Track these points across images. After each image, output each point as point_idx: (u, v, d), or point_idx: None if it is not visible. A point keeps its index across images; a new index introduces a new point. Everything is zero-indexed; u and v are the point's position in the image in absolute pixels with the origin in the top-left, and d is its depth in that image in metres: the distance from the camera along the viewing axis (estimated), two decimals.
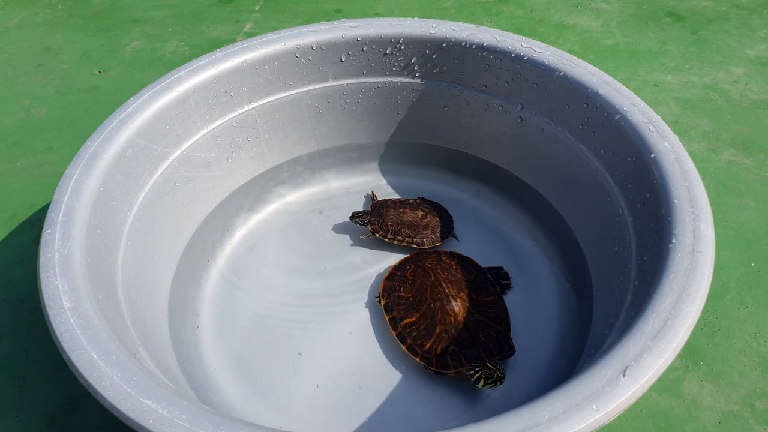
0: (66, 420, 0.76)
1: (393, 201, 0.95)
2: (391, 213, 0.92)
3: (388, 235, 0.91)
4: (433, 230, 0.92)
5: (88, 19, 1.54)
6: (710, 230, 0.62)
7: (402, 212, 0.92)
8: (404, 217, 0.92)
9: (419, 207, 0.94)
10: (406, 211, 0.93)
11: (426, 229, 0.92)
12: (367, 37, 0.90)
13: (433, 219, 0.93)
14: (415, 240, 0.91)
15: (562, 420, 0.49)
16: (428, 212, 0.94)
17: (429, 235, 0.91)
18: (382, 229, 0.91)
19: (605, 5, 1.52)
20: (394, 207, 0.93)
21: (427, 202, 0.97)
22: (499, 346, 0.76)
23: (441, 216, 0.94)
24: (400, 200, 0.96)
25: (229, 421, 0.50)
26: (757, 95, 1.23)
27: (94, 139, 0.74)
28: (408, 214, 0.92)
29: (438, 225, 0.93)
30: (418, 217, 0.92)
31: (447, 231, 0.93)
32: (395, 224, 0.91)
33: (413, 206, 0.94)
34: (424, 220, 0.92)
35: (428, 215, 0.93)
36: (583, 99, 0.80)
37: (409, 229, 0.91)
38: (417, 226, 0.92)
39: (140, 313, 0.72)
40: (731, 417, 0.75)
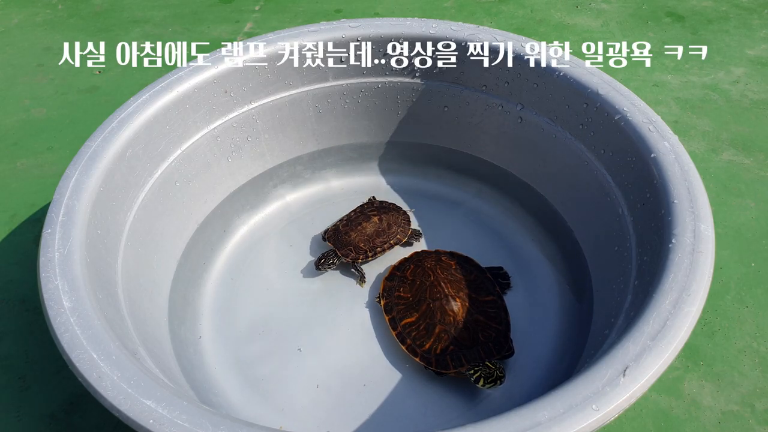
0: (66, 420, 0.76)
1: (343, 223, 0.93)
2: (353, 235, 0.90)
3: (368, 254, 0.89)
4: (398, 225, 0.92)
5: (88, 19, 1.54)
6: (710, 230, 0.62)
7: (361, 228, 0.91)
8: (367, 231, 0.90)
9: (370, 215, 0.93)
10: (364, 224, 0.91)
11: (392, 228, 0.91)
12: (367, 37, 0.90)
13: (389, 216, 0.93)
14: (391, 242, 0.90)
15: (562, 420, 0.49)
16: (381, 213, 0.93)
17: (398, 230, 0.92)
18: (360, 254, 0.88)
19: (605, 5, 1.52)
20: (350, 227, 0.91)
21: (370, 205, 0.96)
22: (499, 346, 0.76)
23: (392, 209, 0.95)
24: (348, 217, 0.94)
25: (229, 421, 0.50)
26: (757, 95, 1.23)
27: (94, 139, 0.74)
28: (368, 227, 0.91)
29: (397, 218, 0.93)
30: (377, 224, 0.92)
31: (407, 218, 0.94)
32: (365, 241, 0.89)
33: (365, 217, 0.93)
34: (383, 222, 0.92)
35: (383, 216, 0.93)
36: (583, 99, 0.80)
37: (379, 237, 0.90)
38: (382, 230, 0.91)
39: (140, 313, 0.72)
40: (731, 417, 0.75)
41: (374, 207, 0.96)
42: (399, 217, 0.94)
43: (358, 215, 0.94)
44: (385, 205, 0.96)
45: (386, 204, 0.96)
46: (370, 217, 0.93)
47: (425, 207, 0.99)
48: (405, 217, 0.94)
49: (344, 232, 0.91)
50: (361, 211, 0.95)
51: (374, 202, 0.98)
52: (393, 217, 0.93)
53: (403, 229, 0.92)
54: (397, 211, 0.95)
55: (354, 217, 0.94)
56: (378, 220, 0.92)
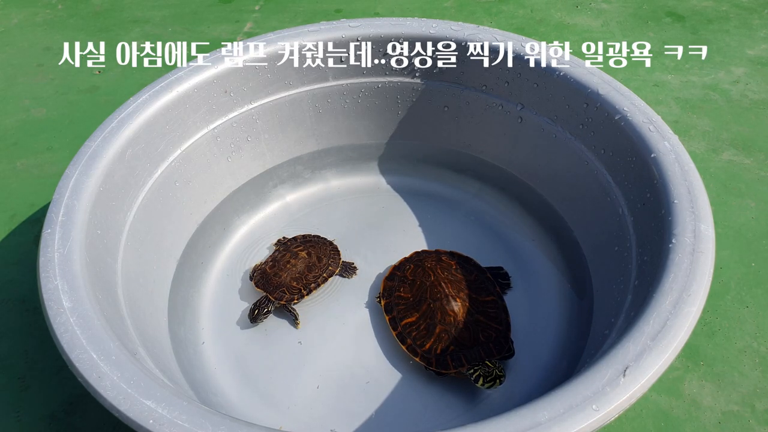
0: (66, 420, 0.76)
1: (270, 265, 0.87)
2: (283, 275, 0.84)
3: (303, 293, 0.84)
4: (328, 257, 0.88)
5: (88, 19, 1.54)
6: (710, 230, 0.62)
7: (291, 266, 0.86)
8: (297, 268, 0.86)
9: (297, 251, 0.88)
10: (292, 262, 0.86)
11: (322, 261, 0.87)
12: (367, 37, 0.90)
13: (317, 249, 0.89)
14: (324, 275, 0.86)
15: (562, 420, 0.49)
16: (308, 247, 0.89)
17: (329, 262, 0.87)
18: (294, 294, 0.83)
19: (605, 5, 1.52)
20: (279, 268, 0.86)
21: (294, 241, 0.92)
22: (499, 346, 0.76)
23: (318, 242, 0.91)
24: (273, 258, 0.88)
25: (229, 421, 0.50)
26: (757, 95, 1.23)
27: (94, 139, 0.74)
28: (297, 263, 0.86)
29: (325, 249, 0.89)
30: (306, 258, 0.87)
31: (335, 249, 0.90)
32: (298, 279, 0.85)
33: (292, 254, 0.88)
34: (312, 256, 0.88)
35: (310, 249, 0.89)
36: (583, 99, 0.80)
37: (311, 272, 0.86)
38: (313, 265, 0.87)
39: (140, 313, 0.72)
40: (731, 417, 0.75)
41: (299, 242, 0.91)
42: (327, 248, 0.90)
43: (283, 254, 0.88)
44: (309, 239, 0.92)
45: (310, 237, 0.92)
46: (297, 253, 0.88)
47: (425, 207, 0.99)
48: (333, 248, 0.90)
49: (273, 274, 0.85)
50: (285, 248, 0.90)
51: (297, 237, 0.93)
52: (321, 250, 0.89)
53: (333, 260, 0.88)
54: (323, 243, 0.91)
55: (280, 256, 0.88)
56: (306, 255, 0.88)
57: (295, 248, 0.89)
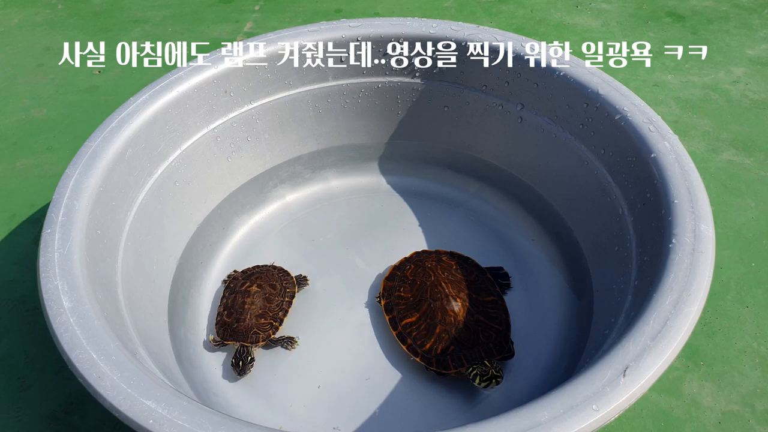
0: (66, 420, 0.76)
1: (226, 314, 0.81)
2: (246, 318, 0.80)
3: (275, 324, 0.80)
4: (280, 280, 0.85)
5: (88, 19, 1.54)
6: (710, 230, 0.62)
7: (248, 305, 0.81)
8: (257, 304, 0.81)
9: (247, 289, 0.83)
10: (248, 300, 0.81)
11: (276, 287, 0.83)
12: (367, 37, 0.90)
13: (264, 277, 0.85)
14: (287, 299, 0.83)
15: (562, 420, 0.49)
16: (255, 280, 0.84)
17: (283, 285, 0.84)
18: (267, 330, 0.79)
19: (605, 5, 1.52)
20: (237, 312, 0.80)
21: (235, 280, 0.86)
22: (499, 346, 0.76)
23: (261, 271, 0.87)
24: (225, 305, 0.82)
25: (229, 421, 0.50)
26: (757, 95, 1.23)
27: (94, 139, 0.74)
28: (254, 300, 0.81)
29: (273, 274, 0.85)
30: (260, 291, 0.82)
31: (281, 270, 0.87)
32: (263, 314, 0.80)
33: (243, 294, 0.82)
34: (264, 287, 0.83)
35: (258, 281, 0.84)
36: (584, 99, 0.80)
37: (271, 302, 0.82)
38: (270, 294, 0.82)
39: (140, 313, 0.72)
40: (731, 417, 0.75)
41: (242, 279, 0.85)
42: (274, 273, 0.86)
43: (234, 297, 0.83)
44: (251, 272, 0.87)
45: (251, 269, 0.88)
46: (247, 291, 0.83)
47: (425, 207, 0.99)
48: (280, 270, 0.87)
49: (235, 321, 0.80)
50: (232, 291, 0.84)
51: (236, 275, 0.87)
52: (269, 277, 0.85)
53: (287, 281, 0.85)
54: (267, 270, 0.87)
55: (231, 301, 0.82)
56: (258, 288, 0.83)
57: (242, 287, 0.84)
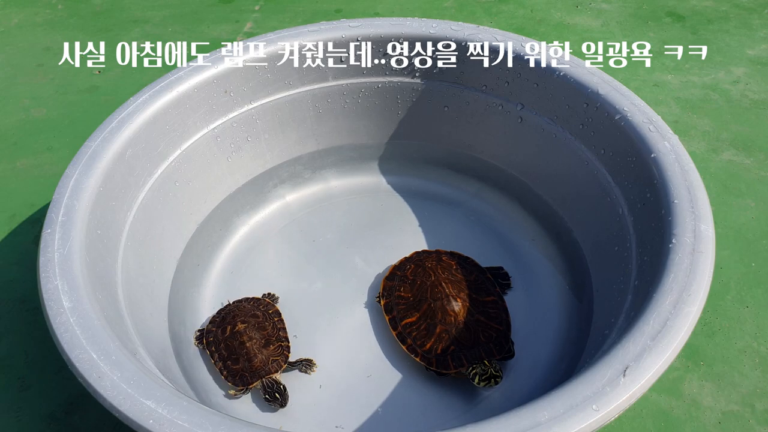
0: (66, 420, 0.76)
1: (230, 362, 0.76)
2: (254, 355, 0.75)
3: (284, 350, 0.77)
4: (261, 306, 0.82)
5: (88, 19, 1.54)
6: (710, 230, 0.62)
7: (247, 341, 0.76)
8: (254, 338, 0.77)
9: (233, 331, 0.77)
10: (243, 339, 0.76)
11: (258, 315, 0.80)
12: (367, 37, 0.90)
13: (243, 312, 0.80)
14: (275, 318, 0.80)
15: (562, 420, 0.49)
16: (239, 316, 0.79)
17: (265, 309, 0.81)
18: (280, 356, 0.76)
19: (605, 5, 1.52)
20: (239, 355, 0.76)
21: (222, 321, 0.80)
22: (500, 347, 0.76)
23: (239, 306, 0.82)
24: (222, 355, 0.77)
25: (229, 421, 0.50)
26: (757, 95, 1.23)
27: (94, 139, 0.74)
28: (250, 335, 0.77)
29: (247, 306, 0.81)
30: (252, 323, 0.78)
31: (256, 299, 0.83)
32: (267, 343, 0.77)
33: (235, 335, 0.77)
34: (248, 320, 0.79)
35: (243, 316, 0.79)
36: (584, 99, 0.80)
37: (265, 328, 0.78)
38: (260, 323, 0.79)
39: (140, 313, 0.72)
40: (731, 417, 0.75)
41: (218, 328, 0.79)
42: (242, 305, 0.82)
43: (227, 345, 0.77)
44: (221, 318, 0.81)
45: (219, 317, 0.81)
46: (236, 332, 0.77)
47: (425, 207, 0.99)
48: (245, 300, 0.83)
49: (246, 362, 0.75)
50: (218, 342, 0.78)
51: (208, 329, 0.81)
52: (241, 310, 0.81)
53: (261, 303, 0.82)
54: (236, 307, 0.82)
55: (227, 350, 0.77)
56: (243, 323, 0.78)
57: (226, 333, 0.78)
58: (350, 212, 0.99)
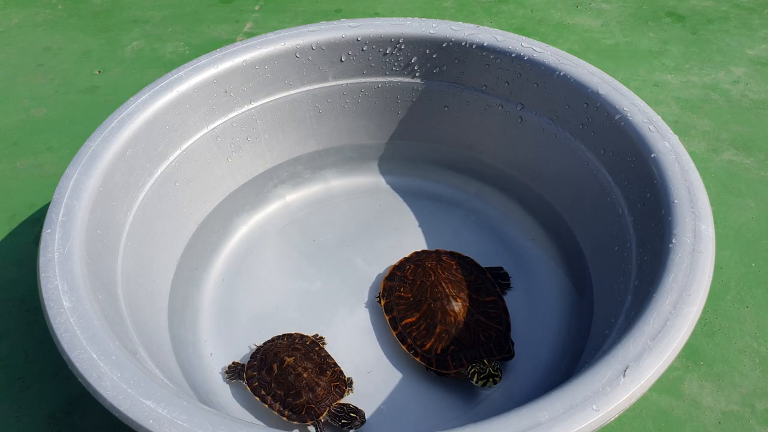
0: (66, 420, 0.76)
1: (289, 394, 0.71)
2: (314, 383, 0.72)
3: (340, 374, 0.75)
4: (303, 338, 0.79)
5: (88, 19, 1.54)
6: (710, 230, 0.62)
7: (302, 371, 0.73)
8: (307, 367, 0.73)
9: (283, 368, 0.73)
10: (298, 371, 0.73)
11: (306, 343, 0.77)
12: (367, 37, 0.90)
13: (291, 343, 0.77)
14: (320, 344, 0.78)
15: (562, 420, 0.49)
16: (284, 349, 0.76)
17: (312, 339, 0.79)
18: (341, 380, 0.74)
19: (605, 5, 1.52)
20: (292, 388, 0.72)
21: (266, 357, 0.76)
22: (500, 347, 0.76)
23: (281, 341, 0.78)
24: (273, 395, 0.72)
25: (229, 421, 0.50)
26: (757, 95, 1.23)
27: (94, 139, 0.74)
28: (305, 365, 0.73)
29: (290, 341, 0.78)
30: (299, 353, 0.75)
31: (299, 336, 0.79)
32: (322, 369, 0.74)
33: (287, 369, 0.73)
34: (298, 350, 0.76)
35: (288, 350, 0.76)
36: (584, 99, 0.80)
37: (313, 352, 0.76)
38: (307, 352, 0.75)
39: (140, 313, 0.72)
40: (731, 417, 0.75)
41: (267, 359, 0.75)
42: (278, 341, 0.79)
43: (280, 378, 0.73)
44: (262, 357, 0.76)
45: (259, 357, 0.77)
46: (286, 368, 0.73)
47: (425, 207, 0.99)
48: (279, 338, 0.80)
49: (309, 393, 0.71)
50: (266, 382, 0.73)
51: (251, 364, 0.76)
52: (282, 346, 0.77)
53: (294, 337, 0.79)
54: (273, 344, 0.78)
55: (280, 388, 0.72)
56: (289, 356, 0.74)
57: (276, 369, 0.74)
58: (350, 212, 0.99)
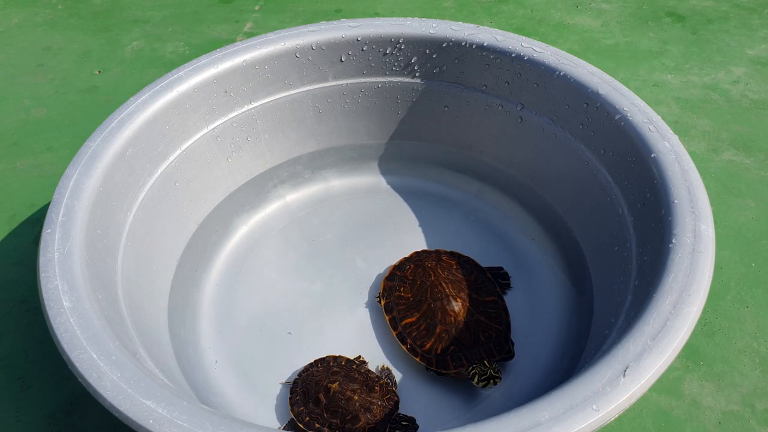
0: (66, 420, 0.76)
1: (346, 425, 0.68)
2: (366, 402, 0.70)
3: (392, 392, 0.73)
4: (348, 362, 0.77)
5: (88, 19, 1.54)
6: (710, 230, 0.62)
7: (351, 394, 0.70)
8: (354, 388, 0.71)
9: (333, 395, 0.71)
10: (346, 395, 0.70)
11: (352, 366, 0.75)
12: (367, 37, 0.90)
13: (329, 368, 0.75)
14: (365, 364, 0.76)
15: (562, 420, 0.49)
16: (322, 383, 0.72)
17: (357, 361, 0.77)
18: (392, 395, 0.72)
19: (605, 5, 1.52)
20: (345, 410, 0.69)
21: (300, 397, 0.73)
22: (500, 347, 0.76)
23: (321, 371, 0.75)
24: (329, 425, 0.69)
25: (229, 421, 0.50)
26: (757, 95, 1.23)
27: (94, 139, 0.74)
28: (353, 388, 0.71)
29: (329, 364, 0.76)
30: (341, 381, 0.72)
31: (344, 359, 0.77)
32: (370, 388, 0.72)
33: (337, 395, 0.70)
34: (339, 371, 0.74)
35: (338, 376, 0.73)
36: (584, 99, 0.80)
37: (357, 374, 0.73)
38: (352, 375, 0.73)
39: (140, 313, 0.72)
40: (731, 417, 0.75)
41: (309, 391, 0.72)
42: (313, 370, 0.76)
43: (331, 407, 0.70)
44: (304, 382, 0.74)
45: (301, 382, 0.75)
46: (338, 391, 0.71)
47: (425, 207, 0.99)
48: (319, 361, 0.78)
49: (364, 416, 0.69)
50: (318, 406, 0.70)
51: (294, 400, 0.73)
52: (323, 368, 0.75)
53: (327, 360, 0.77)
54: (313, 367, 0.76)
55: (332, 412, 0.69)
56: (332, 383, 0.72)
57: (323, 398, 0.71)
58: (350, 212, 0.99)
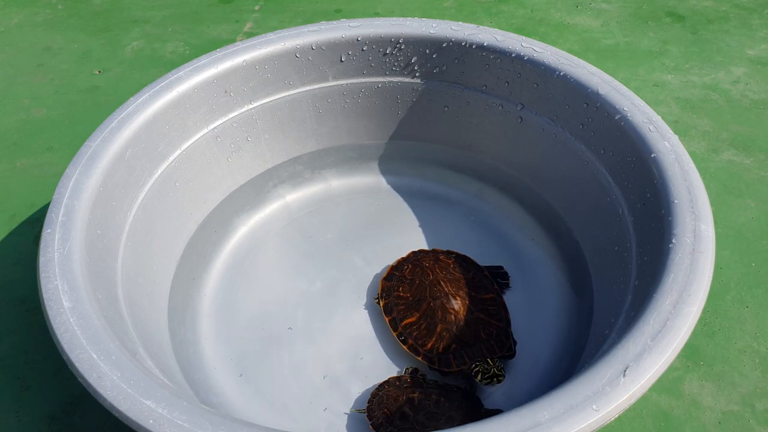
0: (66, 420, 0.76)
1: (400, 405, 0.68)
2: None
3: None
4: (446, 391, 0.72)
5: (88, 19, 1.54)
6: (710, 230, 0.62)
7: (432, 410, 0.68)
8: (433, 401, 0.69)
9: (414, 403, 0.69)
10: (431, 400, 0.69)
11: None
12: (367, 37, 0.90)
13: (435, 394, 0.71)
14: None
15: (562, 420, 0.49)
16: (423, 390, 0.71)
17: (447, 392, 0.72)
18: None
19: (605, 5, 1.52)
20: (426, 413, 0.68)
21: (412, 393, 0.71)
22: (501, 344, 0.76)
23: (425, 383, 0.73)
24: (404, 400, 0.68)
25: (229, 421, 0.50)
26: (757, 95, 1.23)
27: (94, 139, 0.74)
28: (438, 400, 0.69)
29: (446, 390, 0.72)
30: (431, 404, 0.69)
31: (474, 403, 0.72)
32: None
33: (426, 412, 0.68)
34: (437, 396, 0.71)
35: (431, 392, 0.71)
36: (584, 99, 0.80)
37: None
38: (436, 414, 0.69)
39: (140, 313, 0.72)
40: (731, 417, 0.75)
41: (393, 397, 0.71)
42: (394, 382, 0.74)
43: (417, 414, 0.68)
44: (388, 394, 0.72)
45: (387, 395, 0.72)
46: (423, 399, 0.69)
47: (425, 207, 0.99)
48: (393, 380, 0.75)
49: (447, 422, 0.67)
50: (404, 418, 0.68)
51: (370, 413, 0.71)
52: (399, 381, 0.74)
53: (406, 376, 0.75)
54: (386, 385, 0.74)
55: (414, 422, 0.67)
56: (413, 392, 0.70)
57: (409, 414, 0.68)
58: (350, 212, 0.99)
